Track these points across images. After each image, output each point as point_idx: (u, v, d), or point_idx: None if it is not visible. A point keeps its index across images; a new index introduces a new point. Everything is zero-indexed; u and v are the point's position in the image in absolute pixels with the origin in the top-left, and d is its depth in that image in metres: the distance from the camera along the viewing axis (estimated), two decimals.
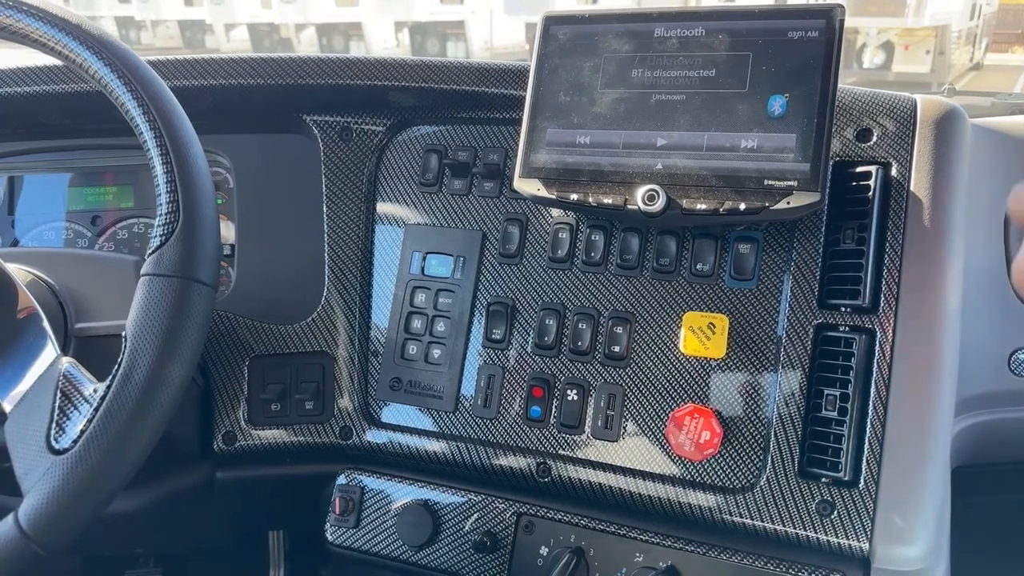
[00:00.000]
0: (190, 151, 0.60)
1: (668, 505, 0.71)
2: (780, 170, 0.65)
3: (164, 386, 0.56)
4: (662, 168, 0.68)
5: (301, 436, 0.84)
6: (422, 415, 0.82)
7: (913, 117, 0.70)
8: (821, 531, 0.66)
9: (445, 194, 0.84)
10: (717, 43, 0.68)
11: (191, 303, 0.57)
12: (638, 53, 0.70)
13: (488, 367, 0.79)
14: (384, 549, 0.80)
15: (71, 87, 0.81)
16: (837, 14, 0.65)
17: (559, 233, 0.78)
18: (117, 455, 0.55)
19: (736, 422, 0.70)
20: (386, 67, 0.83)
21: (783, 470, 0.68)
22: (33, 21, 0.60)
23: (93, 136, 0.93)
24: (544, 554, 0.75)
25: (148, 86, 0.60)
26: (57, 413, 0.57)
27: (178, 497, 0.85)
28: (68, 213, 0.97)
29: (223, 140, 0.89)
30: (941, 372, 0.66)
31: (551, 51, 0.73)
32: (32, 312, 0.63)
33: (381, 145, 0.87)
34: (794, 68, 0.66)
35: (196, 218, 0.59)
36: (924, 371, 0.66)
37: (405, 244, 0.85)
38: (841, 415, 0.67)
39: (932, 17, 5.89)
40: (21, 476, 0.56)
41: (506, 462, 0.77)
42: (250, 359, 0.83)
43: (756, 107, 0.66)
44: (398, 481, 0.82)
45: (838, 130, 0.71)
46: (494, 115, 0.83)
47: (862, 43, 6.11)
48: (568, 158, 0.71)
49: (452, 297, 0.82)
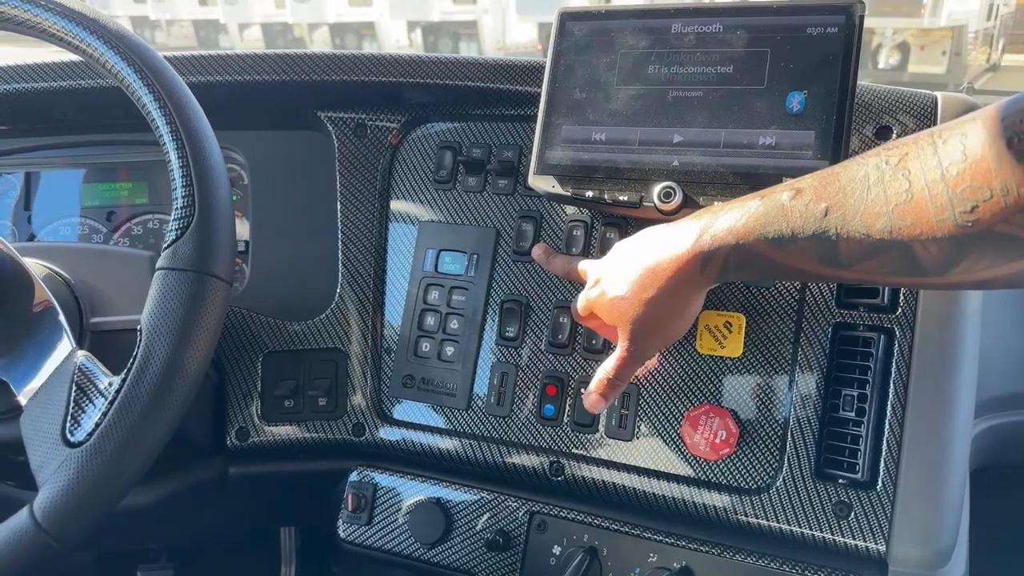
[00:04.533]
0: (206, 145, 0.60)
1: (682, 505, 0.71)
2: (799, 167, 0.64)
3: (179, 380, 0.56)
4: (678, 165, 0.68)
5: (314, 432, 0.84)
6: (435, 412, 0.81)
7: (933, 114, 0.69)
8: (838, 532, 0.65)
9: (459, 191, 0.84)
10: (735, 39, 0.68)
11: (206, 297, 0.57)
12: (655, 49, 0.70)
13: (501, 365, 0.79)
14: (396, 546, 0.80)
15: (87, 83, 0.82)
16: (857, 10, 0.64)
17: (574, 230, 0.78)
18: (132, 448, 0.55)
19: (752, 422, 0.69)
20: (400, 63, 0.83)
21: (799, 471, 0.67)
22: (51, 16, 0.60)
23: (108, 132, 0.93)
24: (557, 553, 0.74)
25: (164, 80, 0.60)
26: (72, 406, 0.57)
27: (191, 492, 0.86)
28: (83, 209, 0.97)
29: (237, 137, 0.89)
30: (961, 373, 0.65)
31: (567, 47, 0.73)
32: (48, 306, 0.63)
33: (395, 142, 0.87)
34: (813, 64, 0.65)
35: (211, 212, 0.59)
36: (943, 372, 0.65)
37: (419, 241, 0.85)
38: (859, 416, 0.66)
39: (948, 18, 5.85)
40: (36, 469, 0.57)
41: (519, 460, 0.77)
42: (264, 355, 0.84)
43: (774, 104, 0.66)
44: (410, 478, 0.81)
45: (857, 127, 0.70)
46: (509, 112, 0.83)
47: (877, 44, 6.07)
48: (584, 155, 0.71)
49: (466, 295, 0.81)
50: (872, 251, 0.48)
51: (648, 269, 0.58)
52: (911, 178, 0.45)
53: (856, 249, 0.48)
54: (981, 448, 0.79)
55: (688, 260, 0.56)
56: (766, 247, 0.52)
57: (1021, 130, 0.41)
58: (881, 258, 0.48)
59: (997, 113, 0.43)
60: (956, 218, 0.43)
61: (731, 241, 0.53)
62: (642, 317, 0.59)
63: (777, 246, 0.51)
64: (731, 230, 0.53)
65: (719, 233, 0.54)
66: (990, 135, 0.42)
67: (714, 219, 0.55)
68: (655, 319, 0.60)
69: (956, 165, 0.43)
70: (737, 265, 0.54)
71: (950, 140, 0.44)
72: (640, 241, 0.61)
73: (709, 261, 0.55)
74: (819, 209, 0.49)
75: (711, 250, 0.54)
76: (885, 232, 0.46)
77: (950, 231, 0.44)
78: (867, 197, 0.47)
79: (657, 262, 0.57)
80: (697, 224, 0.56)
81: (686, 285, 0.57)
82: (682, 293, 0.58)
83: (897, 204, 0.46)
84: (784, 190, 0.52)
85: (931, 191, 0.44)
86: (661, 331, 0.61)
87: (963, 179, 0.43)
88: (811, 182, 0.51)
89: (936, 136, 0.45)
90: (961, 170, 0.43)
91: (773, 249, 0.52)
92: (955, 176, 0.43)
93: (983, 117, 0.43)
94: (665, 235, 0.59)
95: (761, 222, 0.52)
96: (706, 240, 0.55)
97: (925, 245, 0.45)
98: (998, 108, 0.43)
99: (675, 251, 0.56)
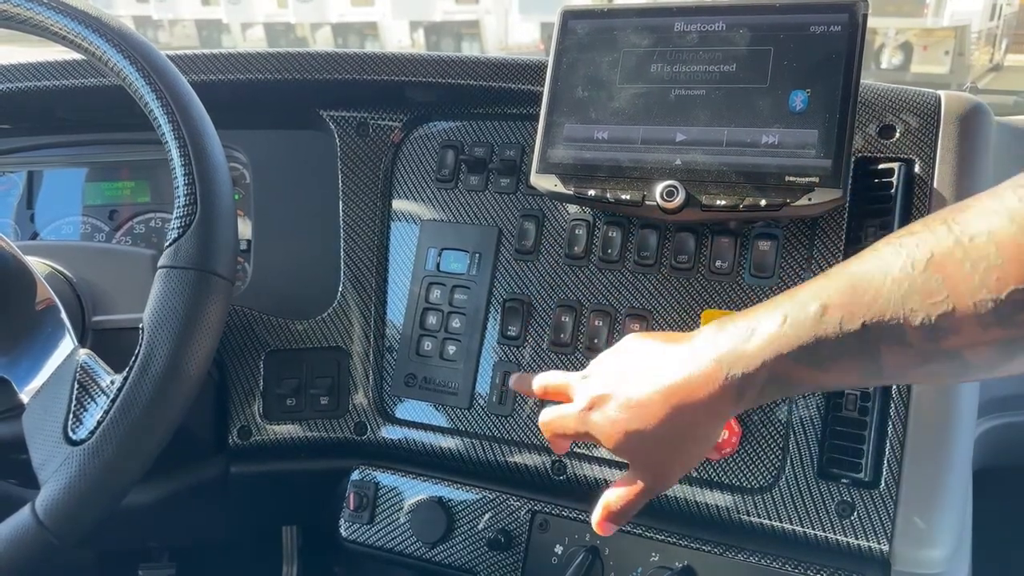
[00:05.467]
0: (208, 144, 0.60)
1: (685, 504, 0.71)
2: (801, 166, 0.64)
3: (181, 378, 0.56)
4: (681, 164, 0.67)
5: (316, 431, 0.84)
6: (437, 411, 0.81)
7: (937, 113, 0.69)
8: (840, 532, 0.65)
9: (461, 190, 0.84)
10: (738, 37, 0.67)
11: (208, 295, 0.57)
12: (657, 48, 0.70)
13: (503, 364, 0.79)
14: (398, 546, 0.80)
15: (89, 82, 0.82)
16: (860, 8, 0.64)
17: (576, 229, 0.78)
18: (133, 446, 0.55)
19: (755, 421, 0.69)
20: (402, 62, 0.83)
21: (802, 470, 0.67)
22: (53, 14, 0.60)
23: (111, 131, 0.93)
24: (559, 552, 0.74)
25: (167, 79, 0.60)
26: (74, 404, 0.57)
27: (193, 491, 0.86)
28: (86, 207, 0.97)
29: (240, 135, 0.89)
30: None
31: (569, 46, 0.73)
32: (50, 304, 0.63)
33: (397, 141, 0.87)
34: (816, 63, 0.65)
35: (213, 211, 0.59)
36: None
37: (421, 240, 0.84)
38: (862, 415, 0.66)
39: (951, 17, 5.83)
40: (38, 467, 0.57)
41: (521, 460, 0.77)
42: (266, 354, 0.84)
43: (777, 102, 0.65)
44: (412, 477, 0.81)
45: (860, 126, 0.70)
46: (511, 111, 0.83)
47: (880, 43, 6.06)
48: (586, 154, 0.71)
49: (468, 293, 0.81)
50: (919, 362, 0.44)
51: (673, 407, 0.52)
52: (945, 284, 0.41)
53: (901, 361, 0.44)
54: (984, 448, 0.79)
55: (720, 394, 0.50)
56: (805, 372, 0.48)
57: None
58: (930, 367, 0.44)
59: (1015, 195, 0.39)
60: (1004, 321, 0.40)
61: (764, 374, 0.48)
62: (666, 454, 0.54)
63: (817, 368, 0.47)
64: (763, 361, 0.48)
65: (750, 364, 0.49)
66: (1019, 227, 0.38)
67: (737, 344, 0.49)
68: (680, 455, 0.54)
69: (994, 270, 0.39)
70: (774, 390, 0.50)
71: (977, 237, 0.40)
72: (648, 363, 0.54)
73: (742, 393, 0.50)
74: (855, 328, 0.45)
75: (744, 383, 0.49)
76: (929, 342, 0.42)
77: (1001, 335, 0.40)
78: (903, 309, 0.43)
79: (683, 398, 0.51)
80: (716, 348, 0.50)
81: (717, 418, 0.52)
82: (711, 426, 0.53)
83: (939, 314, 0.41)
84: (809, 305, 0.47)
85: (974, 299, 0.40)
86: (688, 463, 0.56)
87: (1004, 282, 0.39)
88: (836, 295, 0.46)
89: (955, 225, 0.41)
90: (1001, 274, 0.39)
91: (814, 372, 0.47)
92: (995, 280, 0.39)
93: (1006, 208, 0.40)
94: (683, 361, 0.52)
95: (793, 345, 0.47)
96: (736, 374, 0.49)
97: (975, 351, 0.42)
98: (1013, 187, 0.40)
99: (703, 384, 0.50)
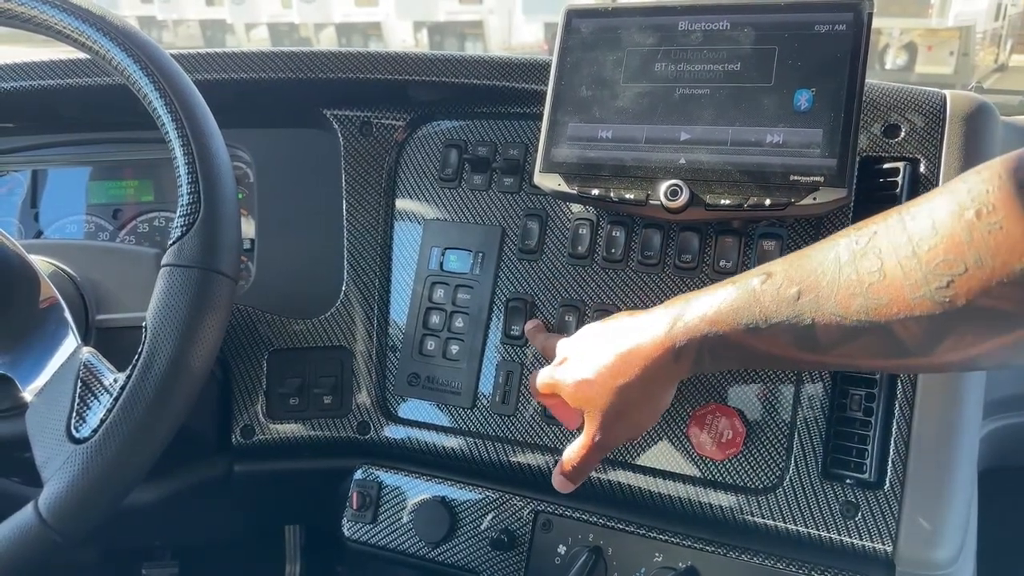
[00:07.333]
0: (212, 142, 0.60)
1: (688, 505, 0.71)
2: (806, 165, 0.64)
3: (184, 376, 0.56)
4: (685, 163, 0.67)
5: (319, 431, 0.84)
6: (440, 411, 0.81)
7: (942, 113, 0.69)
8: (845, 533, 0.65)
9: (464, 189, 0.84)
10: (742, 36, 0.67)
11: (212, 294, 0.57)
12: (662, 47, 0.70)
13: (507, 364, 0.79)
14: (401, 545, 0.80)
15: (93, 81, 0.82)
16: (865, 7, 0.64)
17: (579, 229, 0.77)
18: (136, 444, 0.55)
19: (759, 422, 0.69)
20: (406, 61, 0.83)
21: (806, 471, 0.67)
22: (57, 12, 0.60)
23: (115, 130, 0.94)
24: (562, 552, 0.74)
25: (170, 77, 0.60)
26: (78, 402, 0.57)
27: (196, 490, 0.86)
28: (89, 206, 0.97)
29: (243, 134, 0.90)
30: (970, 373, 0.64)
31: (573, 45, 0.73)
32: (54, 303, 0.63)
33: (401, 140, 0.87)
34: (821, 62, 0.65)
35: (217, 209, 0.58)
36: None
37: (424, 239, 0.84)
38: (867, 415, 0.66)
39: (956, 18, 5.82)
40: (41, 465, 0.57)
41: (524, 459, 0.77)
42: (269, 353, 0.84)
43: (782, 101, 0.65)
44: (415, 477, 0.81)
45: (865, 125, 0.70)
46: (514, 110, 0.83)
47: (885, 44, 6.05)
48: (589, 153, 0.71)
49: (471, 293, 0.81)
50: (851, 334, 0.46)
51: (619, 355, 0.56)
52: (882, 256, 0.44)
53: (834, 332, 0.47)
54: (990, 449, 0.79)
55: (662, 349, 0.54)
56: (741, 335, 0.50)
57: (989, 201, 0.40)
58: (861, 340, 0.46)
59: (963, 185, 0.42)
60: (932, 294, 0.42)
61: (704, 329, 0.52)
62: (611, 404, 0.58)
63: (752, 333, 0.50)
64: (704, 318, 0.52)
65: (691, 321, 0.53)
66: (959, 207, 0.41)
67: (687, 306, 0.54)
68: (624, 407, 0.58)
69: (927, 240, 0.42)
70: (712, 354, 0.53)
71: (919, 215, 0.43)
72: (612, 325, 0.60)
73: (683, 351, 0.53)
74: (791, 293, 0.48)
75: (684, 339, 0.53)
76: (861, 313, 0.45)
77: (928, 308, 0.43)
78: (839, 278, 0.46)
79: (629, 349, 0.56)
80: (670, 311, 0.55)
81: (659, 374, 0.55)
82: (654, 382, 0.56)
83: (871, 283, 0.45)
84: (755, 275, 0.51)
85: (904, 268, 0.43)
86: (630, 420, 0.59)
87: (936, 254, 0.42)
88: (782, 266, 0.50)
89: (904, 212, 0.44)
90: (933, 245, 0.42)
91: (748, 336, 0.50)
92: (927, 251, 0.42)
93: (950, 190, 0.43)
94: (639, 321, 0.57)
95: (733, 308, 0.51)
96: (679, 329, 0.53)
97: (904, 324, 0.44)
98: (963, 179, 0.42)
99: (649, 338, 0.55)
